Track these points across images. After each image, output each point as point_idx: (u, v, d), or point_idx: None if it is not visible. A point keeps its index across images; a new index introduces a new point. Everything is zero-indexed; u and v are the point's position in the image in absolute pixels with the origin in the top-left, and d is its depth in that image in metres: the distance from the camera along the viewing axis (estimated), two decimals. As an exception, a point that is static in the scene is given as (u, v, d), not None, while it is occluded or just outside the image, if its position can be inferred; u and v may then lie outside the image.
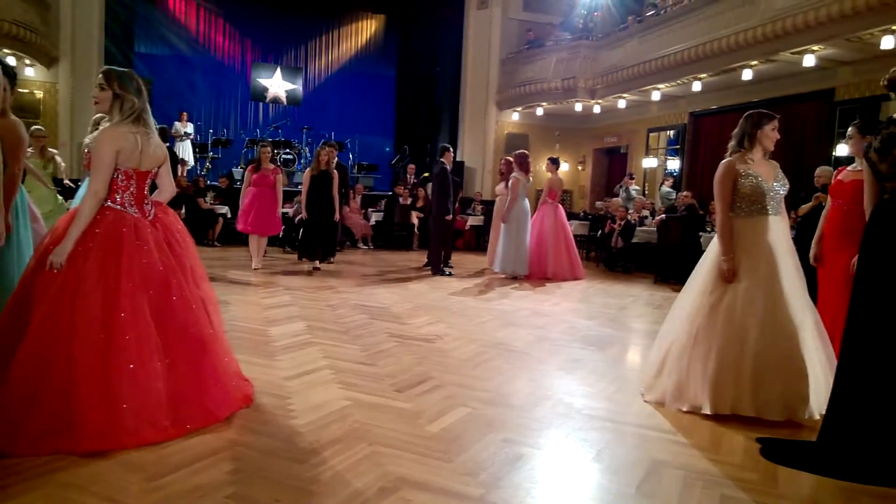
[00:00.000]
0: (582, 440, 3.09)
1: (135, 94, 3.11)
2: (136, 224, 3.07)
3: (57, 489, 2.34)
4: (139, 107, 3.11)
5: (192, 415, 2.96)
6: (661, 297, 7.88)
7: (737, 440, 3.13)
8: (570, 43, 13.90)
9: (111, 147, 3.00)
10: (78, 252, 2.92)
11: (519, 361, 4.56)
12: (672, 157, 13.14)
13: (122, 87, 3.10)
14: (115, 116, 3.11)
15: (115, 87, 3.11)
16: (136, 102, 3.10)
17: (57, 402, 2.72)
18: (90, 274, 2.89)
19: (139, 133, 3.09)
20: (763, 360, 3.32)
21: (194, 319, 3.13)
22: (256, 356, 4.22)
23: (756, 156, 3.65)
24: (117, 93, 3.10)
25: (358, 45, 19.02)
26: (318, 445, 2.84)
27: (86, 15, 12.41)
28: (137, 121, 3.10)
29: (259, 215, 8.19)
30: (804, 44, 8.32)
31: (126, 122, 3.07)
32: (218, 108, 17.54)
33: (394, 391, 3.70)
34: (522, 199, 8.85)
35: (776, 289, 3.40)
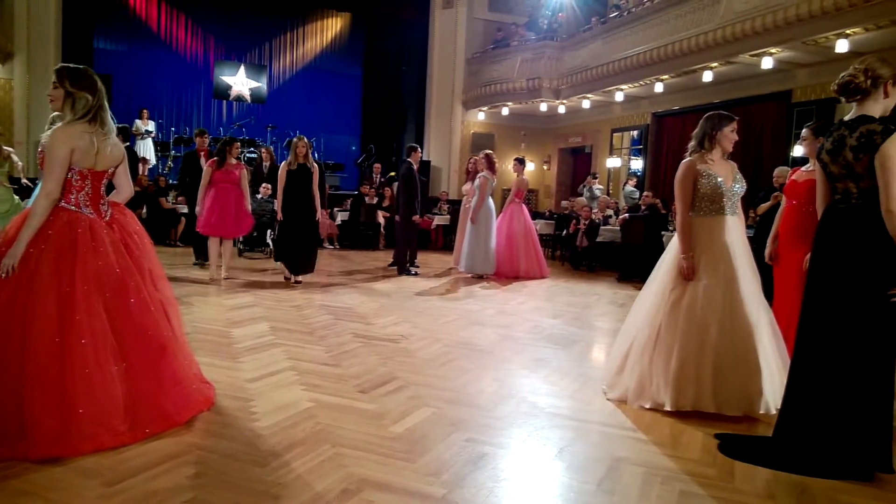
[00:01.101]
0: (545, 438, 3.12)
1: (89, 92, 3.03)
2: (91, 225, 3.00)
3: (10, 497, 2.28)
4: (93, 105, 3.02)
5: (150, 419, 2.90)
6: (625, 296, 8.00)
7: (695, 436, 3.19)
8: (534, 43, 14.00)
9: (64, 146, 2.93)
10: (30, 254, 2.84)
11: (483, 361, 4.58)
12: (635, 157, 13.33)
13: (76, 84, 3.02)
14: (68, 115, 3.03)
15: (66, 85, 3.03)
16: (90, 100, 3.01)
17: (9, 408, 2.65)
18: (43, 277, 2.82)
19: (95, 132, 3.02)
20: (722, 357, 3.40)
21: (152, 322, 3.07)
22: (219, 358, 4.16)
23: (715, 156, 3.72)
24: (69, 90, 3.02)
25: (323, 44, 18.89)
26: (281, 448, 2.82)
27: (42, 9, 12.08)
28: (93, 119, 3.02)
29: (223, 214, 7.38)
30: (762, 46, 8.52)
31: (80, 121, 2.99)
32: (180, 106, 17.25)
33: (358, 392, 3.68)
34: (489, 199, 8.89)
35: (734, 287, 3.48)
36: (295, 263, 7.57)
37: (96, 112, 3.03)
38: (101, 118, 3.05)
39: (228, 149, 7.47)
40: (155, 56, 16.88)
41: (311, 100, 18.19)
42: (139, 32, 16.85)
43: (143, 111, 14.25)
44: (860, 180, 2.75)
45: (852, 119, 2.80)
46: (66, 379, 2.72)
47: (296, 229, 7.38)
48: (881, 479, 2.74)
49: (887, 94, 2.77)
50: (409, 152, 9.20)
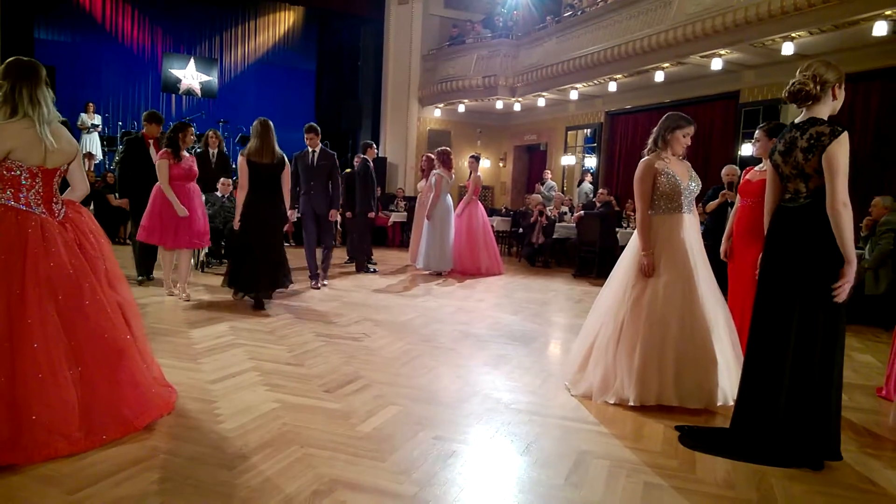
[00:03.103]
0: (511, 434, 3.16)
1: (21, 82, 2.91)
2: (42, 224, 2.90)
3: (-35, 508, 2.20)
4: (35, 99, 2.91)
5: (107, 425, 2.82)
6: (581, 292, 8.14)
7: (657, 429, 3.28)
8: (490, 41, 14.11)
9: None
10: None
11: (445, 358, 4.61)
12: (589, 155, 13.58)
13: (11, 78, 2.91)
14: (5, 111, 2.91)
15: None
16: (16, 90, 2.89)
17: None
18: None
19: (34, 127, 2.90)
20: (683, 351, 3.50)
21: (109, 324, 2.98)
22: (178, 360, 4.08)
23: (670, 155, 3.82)
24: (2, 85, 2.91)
25: (276, 38, 18.61)
26: (248, 450, 2.78)
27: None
28: (30, 111, 2.90)
29: (188, 221, 5.98)
30: (712, 48, 8.79)
31: (19, 118, 2.88)
32: (127, 100, 16.74)
33: (323, 392, 3.66)
34: (445, 196, 8.93)
35: (692, 283, 3.59)
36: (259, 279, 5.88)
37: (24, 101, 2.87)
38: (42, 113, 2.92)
39: (182, 136, 6.01)
40: (100, 48, 16.34)
41: (264, 95, 17.90)
42: (82, 23, 16.28)
43: (89, 105, 13.81)
44: (809, 180, 2.87)
45: (803, 121, 2.92)
46: (17, 385, 2.63)
47: (262, 239, 5.83)
48: (831, 466, 2.88)
49: (835, 97, 2.89)
50: (364, 149, 9.17)
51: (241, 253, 5.90)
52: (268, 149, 5.82)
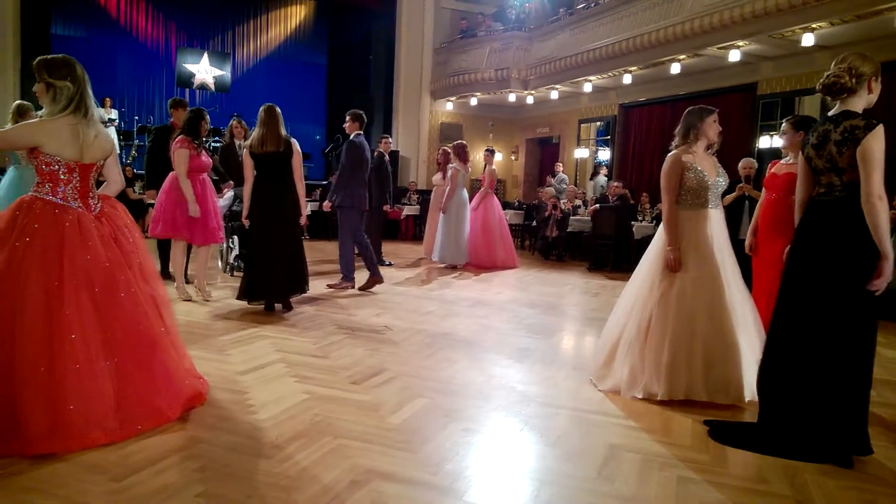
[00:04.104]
0: (539, 428, 3.18)
1: (70, 81, 2.97)
2: (79, 218, 2.95)
3: (19, 493, 2.25)
4: (74, 94, 2.96)
5: (141, 415, 2.86)
6: (597, 286, 8.15)
7: (685, 423, 3.29)
8: (503, 34, 14.06)
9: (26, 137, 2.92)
10: (16, 248, 2.78)
11: (467, 351, 4.63)
12: (603, 148, 13.53)
13: (55, 75, 2.96)
14: (48, 107, 2.98)
15: (44, 76, 2.96)
16: (70, 89, 2.96)
17: (2, 405, 2.59)
18: (30, 271, 2.76)
19: (79, 123, 2.95)
20: (711, 346, 3.51)
21: (143, 317, 3.03)
22: (206, 351, 4.13)
23: (698, 149, 3.82)
24: (48, 82, 2.96)
25: (288, 32, 18.62)
26: (283, 440, 2.82)
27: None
28: (77, 110, 2.96)
29: (205, 215, 5.64)
30: (729, 39, 8.73)
31: (64, 114, 2.93)
32: (142, 94, 16.81)
33: (350, 384, 3.70)
34: (461, 190, 8.94)
35: (720, 278, 3.59)
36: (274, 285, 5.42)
37: (79, 101, 2.97)
38: (85, 107, 2.98)
39: (202, 123, 5.66)
40: (115, 43, 16.41)
41: (276, 89, 17.89)
42: (98, 19, 16.35)
43: (106, 100, 13.83)
44: (843, 174, 2.87)
45: (836, 114, 2.91)
46: (55, 375, 2.67)
47: (273, 238, 5.35)
48: (862, 461, 2.88)
49: (871, 90, 2.88)
50: (379, 141, 9.18)
51: (253, 257, 5.42)
52: (272, 137, 5.30)
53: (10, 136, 3.05)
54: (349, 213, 6.74)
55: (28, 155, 3.00)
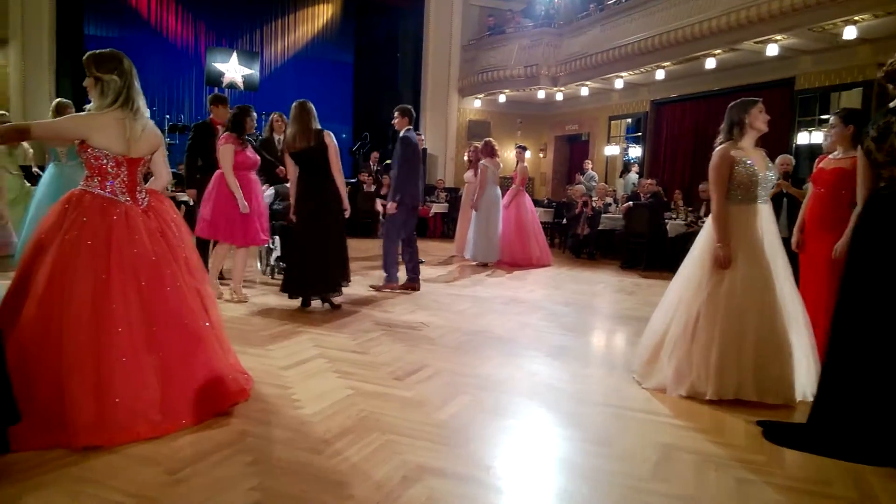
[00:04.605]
0: (586, 426, 3.13)
1: (118, 76, 2.98)
2: (126, 212, 2.97)
3: (73, 484, 2.28)
4: (121, 88, 2.97)
5: (186, 409, 2.87)
6: (631, 284, 8.04)
7: (737, 423, 3.21)
8: (532, 30, 13.97)
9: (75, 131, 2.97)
10: (66, 241, 2.81)
11: (506, 348, 4.59)
12: (633, 145, 13.38)
13: (101, 68, 2.98)
14: (97, 101, 3.00)
15: (93, 71, 2.99)
16: (118, 83, 2.97)
17: (51, 395, 2.62)
18: (79, 264, 2.78)
19: (126, 117, 2.97)
20: (762, 345, 3.42)
21: (188, 311, 3.04)
22: (248, 346, 4.14)
23: (746, 144, 3.73)
24: (96, 76, 2.98)
25: (315, 30, 18.71)
26: (332, 435, 2.81)
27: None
28: (125, 104, 2.98)
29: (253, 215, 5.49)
30: (767, 33, 8.57)
31: (113, 108, 2.94)
32: (172, 93, 17.02)
33: (393, 379, 3.68)
34: (493, 187, 8.88)
35: (771, 275, 3.51)
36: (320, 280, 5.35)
37: (127, 95, 2.98)
38: (131, 101, 2.99)
39: (248, 119, 5.54)
40: (146, 43, 16.60)
41: (303, 87, 17.93)
42: (129, 19, 16.60)
43: (139, 99, 14.02)
44: (906, 167, 2.77)
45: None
46: (102, 368, 2.69)
47: (317, 235, 5.26)
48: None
49: (937, 81, 2.79)
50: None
51: (295, 253, 5.41)
52: (305, 132, 5.20)
53: (58, 127, 3.09)
54: (406, 213, 6.62)
55: (77, 148, 3.02)
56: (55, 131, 3.03)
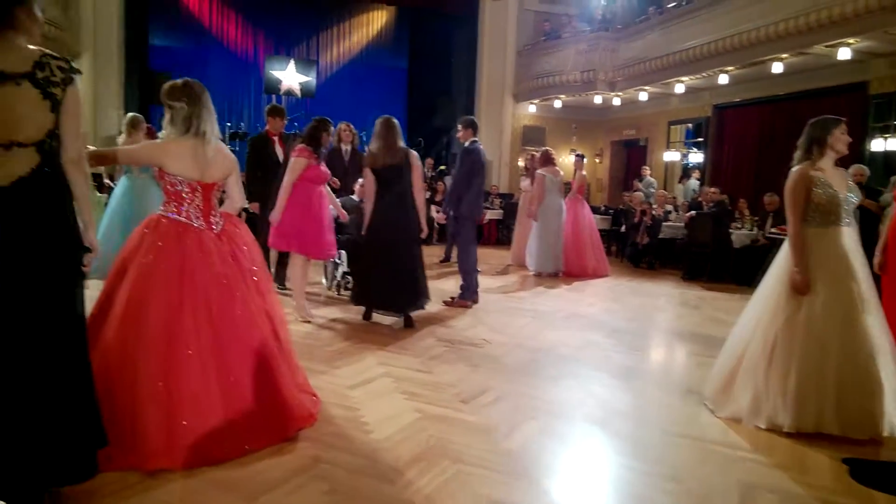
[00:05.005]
0: (662, 460, 3.03)
1: (186, 103, 3.04)
2: (200, 237, 3.03)
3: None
4: (188, 115, 3.03)
5: (252, 434, 2.88)
6: (695, 297, 7.82)
7: (821, 460, 3.07)
8: (589, 35, 13.77)
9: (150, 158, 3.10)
10: (142, 265, 2.88)
11: (571, 369, 4.52)
12: (695, 151, 13.03)
13: (171, 97, 3.07)
14: (167, 128, 3.08)
15: (164, 100, 3.08)
16: (186, 111, 3.03)
17: (122, 418, 2.67)
18: (153, 288, 2.85)
19: (198, 144, 3.03)
20: (844, 376, 3.26)
21: (257, 334, 3.07)
22: (315, 362, 4.19)
23: (825, 164, 3.58)
24: (168, 104, 3.07)
25: (369, 36, 18.94)
26: (402, 463, 2.81)
27: (106, 10, 12.38)
28: (194, 132, 3.03)
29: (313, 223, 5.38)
30: (839, 37, 8.22)
31: (184, 136, 3.01)
32: (232, 102, 17.45)
33: (459, 402, 3.66)
34: (554, 196, 8.77)
35: (853, 302, 3.34)
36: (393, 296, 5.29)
37: (194, 122, 3.03)
38: (199, 128, 3.04)
39: (325, 134, 5.41)
40: (207, 52, 17.11)
41: (358, 93, 18.22)
42: (192, 28, 17.11)
43: (202, 108, 14.39)
44: None
45: None
46: (171, 390, 2.74)
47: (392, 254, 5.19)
48: None
49: None
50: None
51: (369, 268, 5.31)
52: (390, 149, 5.18)
53: (137, 155, 3.19)
54: (467, 225, 6.53)
55: (155, 175, 3.11)
56: (136, 158, 3.14)
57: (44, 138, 2.17)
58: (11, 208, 2.11)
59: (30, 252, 2.13)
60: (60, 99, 2.18)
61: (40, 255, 2.15)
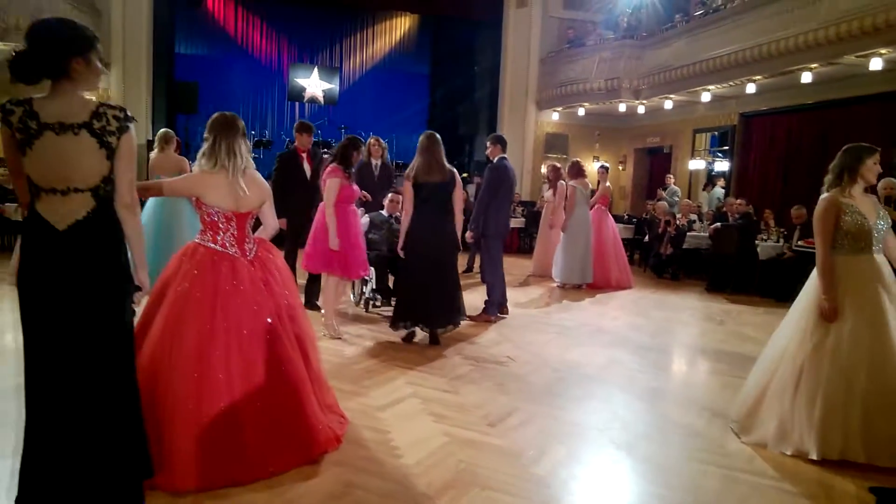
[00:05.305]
0: (691, 488, 3.05)
1: (221, 138, 3.14)
2: (234, 264, 3.12)
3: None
4: (217, 149, 3.12)
5: (279, 455, 2.96)
6: (720, 311, 7.78)
7: (848, 489, 3.07)
8: (613, 42, 13.73)
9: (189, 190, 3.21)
10: (178, 292, 2.97)
11: (596, 389, 4.54)
12: (720, 159, 12.93)
13: (209, 131, 3.19)
14: (199, 160, 3.18)
15: (205, 134, 3.17)
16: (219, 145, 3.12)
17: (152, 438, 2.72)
18: (187, 315, 2.95)
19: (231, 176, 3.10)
20: (872, 403, 3.26)
21: (286, 359, 3.14)
22: (344, 381, 4.27)
23: (856, 191, 3.58)
24: (205, 138, 3.19)
25: (392, 43, 19.06)
26: (433, 490, 2.86)
27: (135, 21, 12.62)
28: (223, 164, 3.12)
29: (354, 247, 5.43)
30: (871, 47, 8.12)
31: (216, 168, 3.11)
32: (256, 109, 17.69)
33: (486, 425, 3.70)
34: (583, 208, 8.78)
35: (883, 330, 3.34)
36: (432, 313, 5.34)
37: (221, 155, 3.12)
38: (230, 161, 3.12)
39: (356, 153, 5.45)
40: (232, 60, 17.35)
41: (380, 99, 18.33)
42: (217, 36, 17.36)
43: (228, 117, 14.56)
44: None
45: None
46: (201, 414, 2.82)
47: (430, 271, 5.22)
48: None
49: None
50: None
51: (411, 287, 5.32)
52: (436, 165, 5.17)
53: (180, 187, 3.29)
54: (494, 242, 6.57)
55: (194, 204, 3.20)
56: (178, 191, 3.22)
57: (99, 184, 2.27)
58: (68, 250, 2.21)
59: (85, 290, 2.23)
60: (115, 147, 2.28)
61: (94, 294, 2.25)
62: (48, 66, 2.21)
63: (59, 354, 2.23)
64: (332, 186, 5.23)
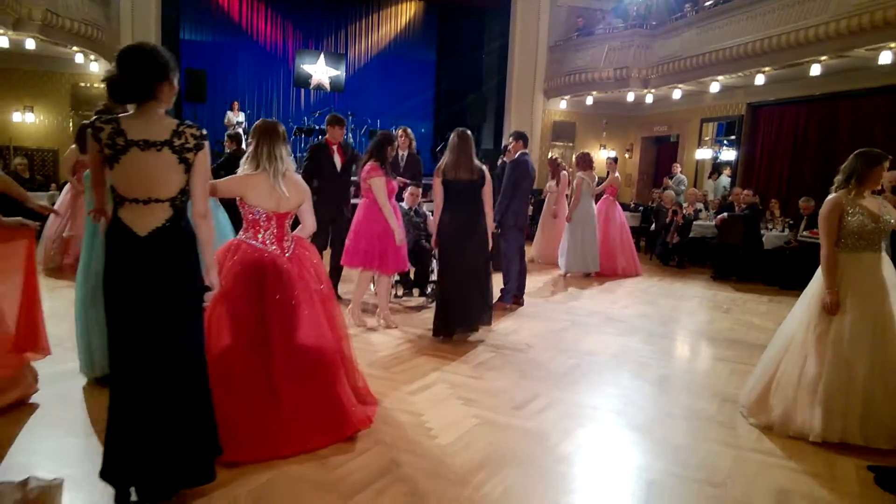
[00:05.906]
0: (704, 466, 3.32)
1: (261, 143, 3.38)
2: (274, 260, 3.40)
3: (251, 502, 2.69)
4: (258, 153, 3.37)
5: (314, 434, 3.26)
6: (727, 299, 8.03)
7: (848, 467, 3.34)
8: (623, 31, 13.82)
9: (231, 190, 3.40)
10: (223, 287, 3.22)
11: (611, 376, 4.79)
12: (727, 148, 13.10)
13: (251, 136, 3.45)
14: (244, 162, 3.44)
15: (249, 138, 3.42)
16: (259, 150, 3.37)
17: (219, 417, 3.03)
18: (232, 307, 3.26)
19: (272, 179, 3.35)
20: (872, 393, 3.51)
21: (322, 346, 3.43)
22: (374, 368, 4.54)
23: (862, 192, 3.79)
24: (249, 142, 3.44)
25: (398, 29, 18.97)
26: (470, 468, 3.13)
27: (144, 9, 12.73)
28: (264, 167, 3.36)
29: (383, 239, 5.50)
30: (881, 41, 8.26)
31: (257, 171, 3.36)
32: (262, 96, 17.61)
33: (511, 408, 3.97)
34: (589, 199, 9.00)
35: (885, 323, 3.58)
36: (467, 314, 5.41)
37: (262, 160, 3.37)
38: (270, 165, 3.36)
39: (390, 149, 5.51)
40: (237, 46, 17.21)
41: (386, 86, 18.32)
42: (222, 23, 17.20)
43: (234, 103, 14.56)
44: None
45: None
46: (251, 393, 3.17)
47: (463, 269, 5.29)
48: None
49: None
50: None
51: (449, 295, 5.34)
52: (466, 164, 5.23)
53: (227, 188, 3.49)
54: (514, 233, 6.80)
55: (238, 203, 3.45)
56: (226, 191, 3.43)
57: (176, 195, 2.51)
58: (148, 253, 2.46)
59: (162, 289, 2.48)
60: (192, 162, 2.52)
61: (171, 292, 2.50)
62: (141, 91, 2.44)
63: (140, 345, 2.49)
64: (380, 185, 5.35)
